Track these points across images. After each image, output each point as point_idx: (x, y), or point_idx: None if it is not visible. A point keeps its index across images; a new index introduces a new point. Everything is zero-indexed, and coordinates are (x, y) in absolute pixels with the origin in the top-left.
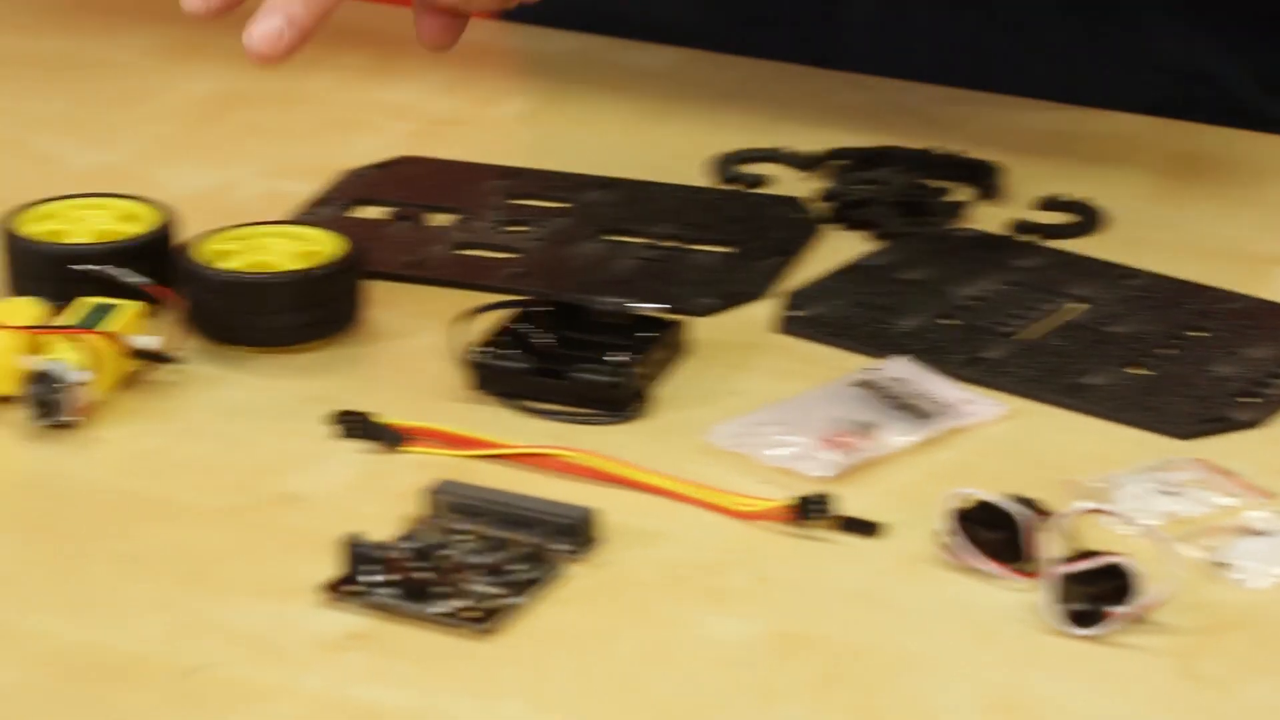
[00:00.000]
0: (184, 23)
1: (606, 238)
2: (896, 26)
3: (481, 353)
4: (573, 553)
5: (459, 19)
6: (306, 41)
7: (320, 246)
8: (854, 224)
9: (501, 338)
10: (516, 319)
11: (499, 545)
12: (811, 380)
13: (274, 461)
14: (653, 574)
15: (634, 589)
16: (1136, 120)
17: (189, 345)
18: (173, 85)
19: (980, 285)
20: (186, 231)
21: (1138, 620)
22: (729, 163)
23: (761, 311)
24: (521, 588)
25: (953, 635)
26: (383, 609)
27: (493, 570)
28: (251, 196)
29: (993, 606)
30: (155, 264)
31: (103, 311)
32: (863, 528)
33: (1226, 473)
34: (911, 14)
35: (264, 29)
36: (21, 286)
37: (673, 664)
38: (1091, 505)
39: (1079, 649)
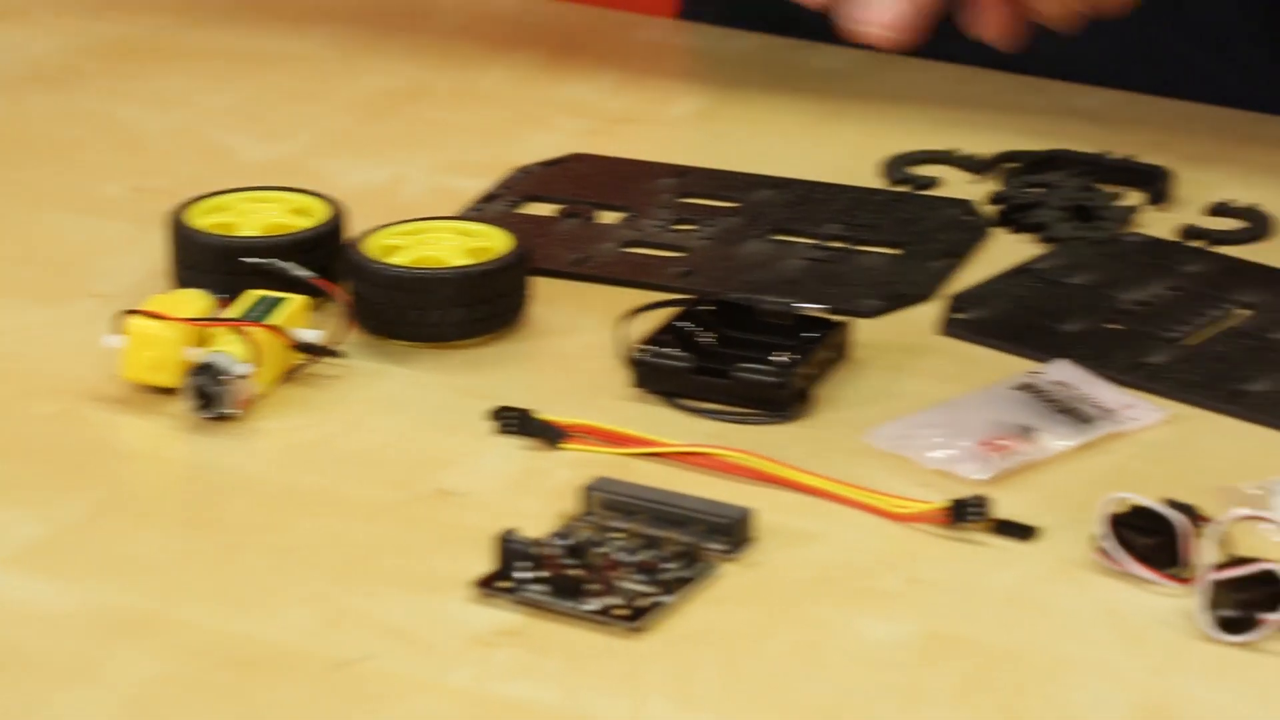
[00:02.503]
0: (362, 18)
1: (774, 238)
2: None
3: (643, 351)
4: (726, 552)
5: (1023, 16)
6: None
7: (488, 243)
8: (1021, 227)
9: (664, 336)
10: (680, 317)
11: (652, 543)
12: (973, 383)
13: (433, 456)
14: (805, 575)
15: (785, 589)
16: None
17: (352, 340)
18: (348, 80)
19: (1146, 290)
20: (355, 226)
21: None
22: (899, 164)
23: (926, 314)
24: (673, 586)
25: (1103, 640)
26: (534, 605)
27: (644, 568)
28: (421, 192)
29: (1145, 612)
30: (324, 258)
31: (268, 305)
32: (1017, 531)
33: None
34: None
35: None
36: (189, 278)
37: (821, 665)
38: (1249, 512)
39: (1230, 656)
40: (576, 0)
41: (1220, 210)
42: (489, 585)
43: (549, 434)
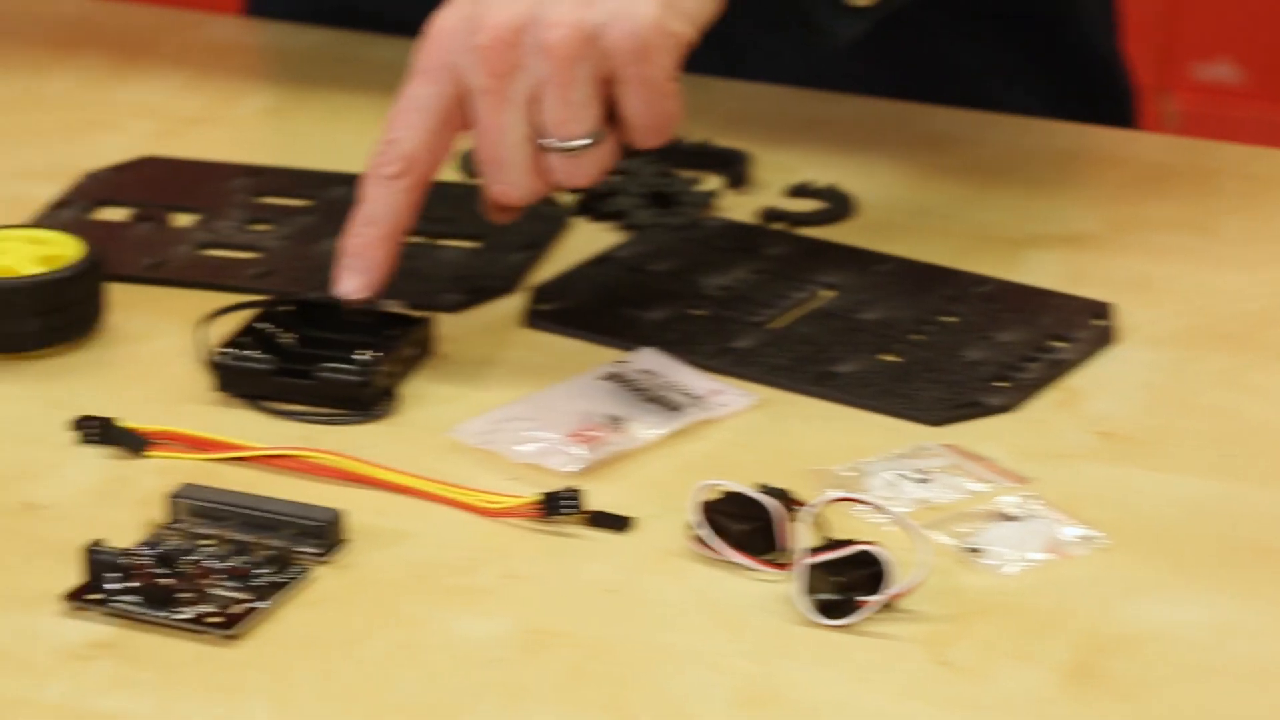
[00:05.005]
0: None
1: None
2: None
3: (224, 354)
4: (319, 555)
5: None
6: None
7: (60, 250)
8: (601, 216)
9: (244, 338)
10: (259, 319)
11: (243, 549)
12: (559, 374)
13: (14, 470)
14: (399, 574)
15: (380, 590)
16: (882, 104)
17: None
18: None
19: (730, 275)
20: None
21: (889, 609)
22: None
23: (509, 306)
24: (266, 591)
25: (702, 628)
26: (126, 616)
27: (236, 575)
28: None
29: (743, 598)
30: None
31: None
32: (612, 522)
33: (978, 458)
34: None
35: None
36: None
37: (419, 665)
38: (842, 494)
39: (830, 639)
40: (141, 0)
41: (800, 191)
42: (79, 598)
43: (132, 442)
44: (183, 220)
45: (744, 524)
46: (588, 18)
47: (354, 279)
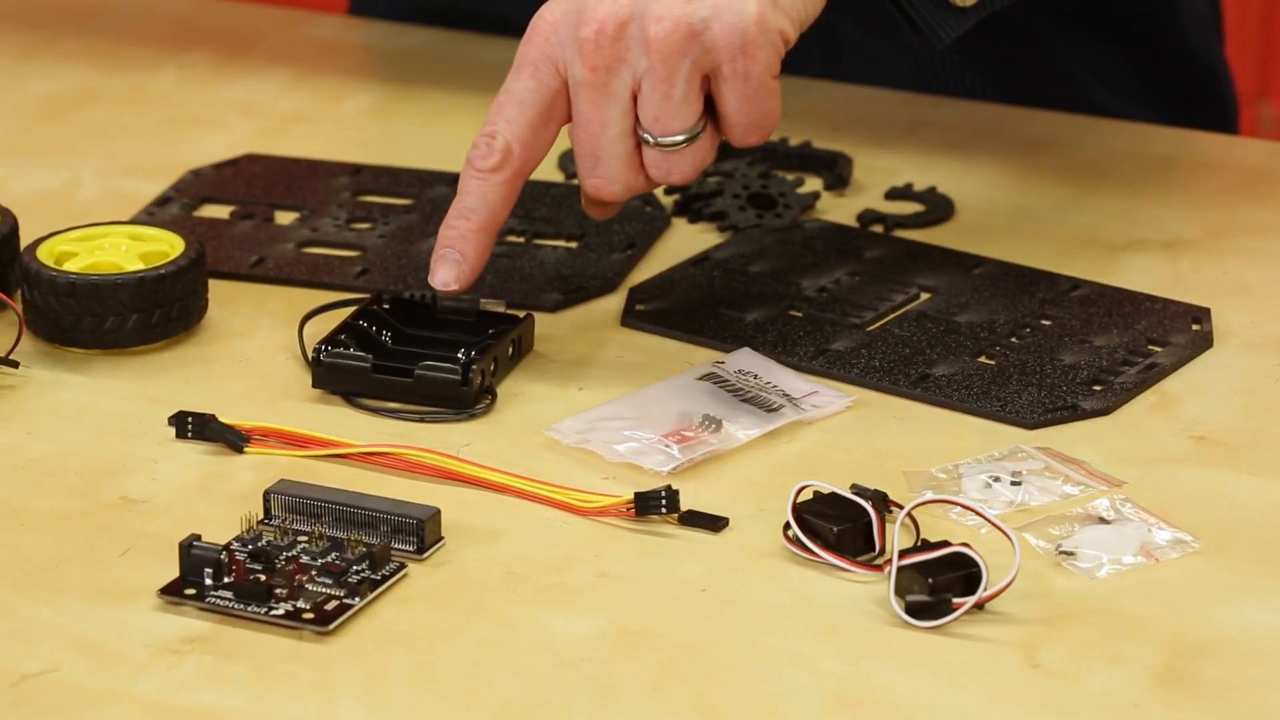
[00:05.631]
0: (26, 21)
1: None
2: None
3: (323, 351)
4: (413, 552)
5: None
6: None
7: (163, 246)
8: (701, 217)
9: (344, 335)
10: (358, 316)
11: (337, 545)
12: (657, 374)
13: (114, 464)
14: (493, 572)
15: (474, 588)
16: (984, 108)
17: (26, 348)
18: (14, 85)
19: (828, 276)
20: (28, 233)
21: (981, 611)
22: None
23: (607, 306)
24: (360, 588)
25: (795, 629)
26: (220, 612)
27: (330, 571)
28: (95, 196)
29: (837, 599)
30: None
31: None
32: (706, 522)
33: (1073, 462)
34: None
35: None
36: None
37: (512, 662)
38: (937, 496)
39: (922, 640)
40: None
41: (899, 194)
42: (174, 593)
43: (231, 438)
44: (284, 218)
45: (839, 525)
46: (692, 13)
47: (448, 270)
